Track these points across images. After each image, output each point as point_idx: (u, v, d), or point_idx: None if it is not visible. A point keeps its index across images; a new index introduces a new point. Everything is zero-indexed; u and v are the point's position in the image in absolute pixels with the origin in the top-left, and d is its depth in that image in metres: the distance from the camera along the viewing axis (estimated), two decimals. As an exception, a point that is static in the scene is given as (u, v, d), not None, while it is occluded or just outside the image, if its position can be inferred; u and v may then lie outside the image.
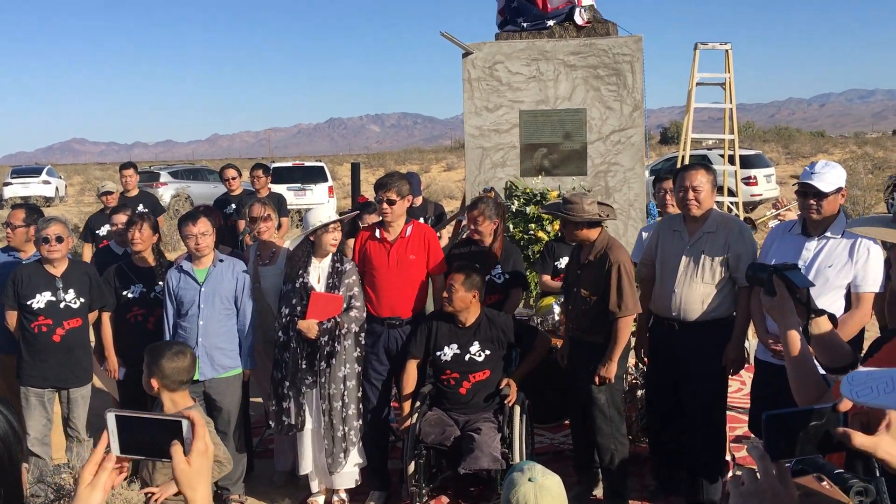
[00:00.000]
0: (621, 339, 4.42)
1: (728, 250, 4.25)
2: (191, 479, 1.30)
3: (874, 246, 3.88)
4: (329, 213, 4.85)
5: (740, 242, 4.27)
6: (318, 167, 21.97)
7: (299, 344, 4.64)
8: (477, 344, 4.61)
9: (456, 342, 4.62)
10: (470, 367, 4.61)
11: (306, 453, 4.74)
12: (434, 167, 39.79)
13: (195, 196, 22.42)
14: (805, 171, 4.03)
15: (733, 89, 10.24)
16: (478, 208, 5.09)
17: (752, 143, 34.82)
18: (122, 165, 8.35)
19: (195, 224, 4.72)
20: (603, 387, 4.50)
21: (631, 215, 7.39)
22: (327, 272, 4.76)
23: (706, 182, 4.30)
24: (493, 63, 7.47)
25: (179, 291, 4.76)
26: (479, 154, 7.57)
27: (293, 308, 4.65)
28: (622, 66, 7.31)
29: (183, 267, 4.78)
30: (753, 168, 18.46)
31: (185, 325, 4.73)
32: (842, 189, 3.93)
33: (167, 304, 4.81)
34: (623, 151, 7.36)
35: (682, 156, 10.47)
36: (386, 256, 4.79)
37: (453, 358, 4.62)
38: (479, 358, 4.61)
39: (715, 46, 10.26)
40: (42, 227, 4.82)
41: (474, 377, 4.62)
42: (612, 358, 4.44)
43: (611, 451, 4.53)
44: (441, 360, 4.64)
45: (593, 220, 4.49)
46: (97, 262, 5.72)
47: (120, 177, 8.15)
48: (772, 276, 2.31)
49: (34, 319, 4.79)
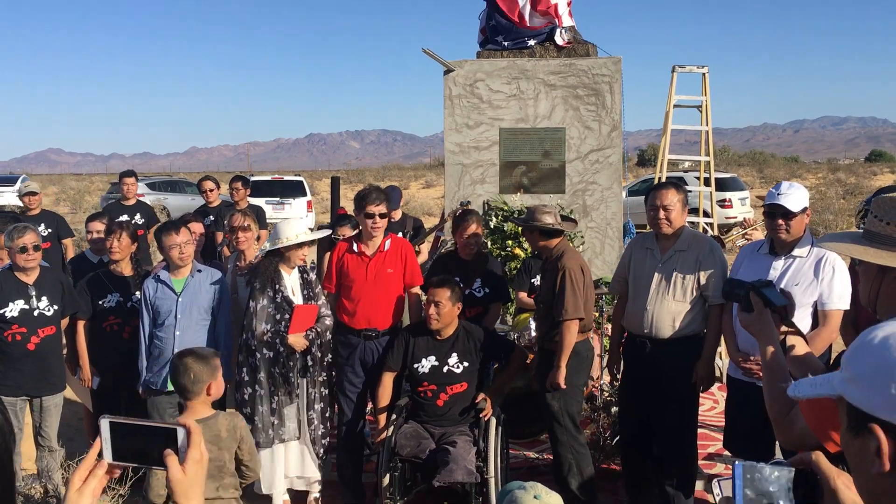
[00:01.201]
0: (565, 344, 4.49)
1: (699, 268, 4.31)
2: (186, 488, 1.28)
3: (839, 263, 3.94)
4: (302, 227, 4.81)
5: (711, 260, 4.33)
6: (298, 181, 21.96)
7: (289, 358, 4.64)
8: (455, 356, 4.63)
9: (434, 354, 4.63)
10: (448, 379, 4.62)
11: (278, 466, 4.72)
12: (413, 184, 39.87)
13: (172, 208, 22.33)
14: (770, 192, 4.09)
15: (710, 112, 10.39)
16: (467, 220, 5.21)
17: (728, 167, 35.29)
18: (122, 173, 8.30)
19: (178, 233, 4.71)
20: (557, 394, 4.56)
21: (608, 234, 7.46)
22: (299, 283, 4.79)
23: (677, 201, 4.36)
24: (475, 81, 7.55)
25: (156, 301, 4.73)
26: (458, 170, 7.62)
27: (277, 324, 4.64)
28: (601, 86, 7.41)
29: (160, 277, 4.76)
30: (728, 191, 18.71)
31: (162, 336, 4.71)
32: (807, 209, 4.01)
33: (143, 314, 4.77)
34: (601, 171, 7.45)
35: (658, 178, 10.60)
36: (364, 269, 4.80)
37: (431, 370, 4.62)
38: (458, 370, 4.62)
39: (692, 69, 10.42)
40: (17, 236, 4.77)
41: (451, 389, 4.63)
42: (559, 364, 4.51)
43: (568, 460, 4.59)
44: (419, 372, 4.64)
45: (546, 228, 4.63)
46: (72, 270, 5.68)
47: (120, 184, 8.12)
48: (749, 292, 2.36)
49: (7, 328, 4.73)
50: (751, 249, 4.31)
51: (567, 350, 4.50)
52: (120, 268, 5.15)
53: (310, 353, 4.70)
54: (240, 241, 5.34)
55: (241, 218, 5.43)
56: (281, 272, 4.74)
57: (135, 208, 7.98)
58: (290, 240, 4.66)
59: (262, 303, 4.65)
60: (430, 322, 4.55)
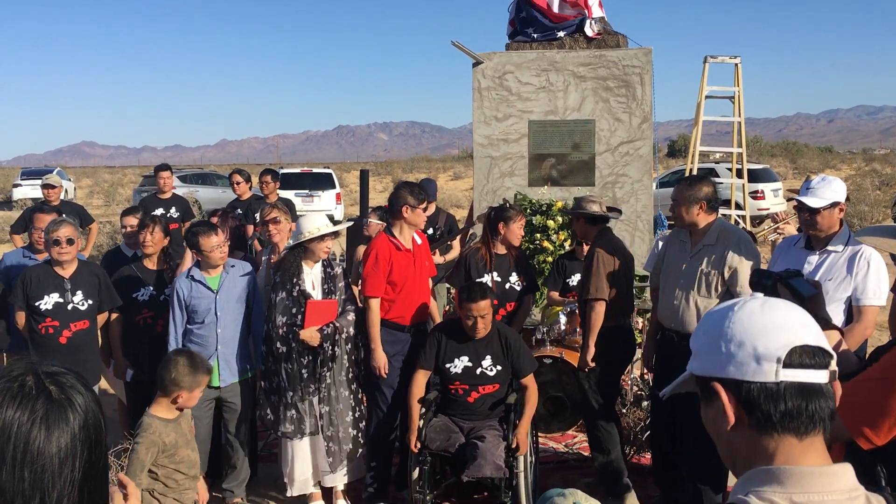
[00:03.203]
0: (592, 324, 4.59)
1: (726, 263, 4.26)
2: None
3: (875, 258, 3.87)
4: (322, 221, 4.79)
5: (737, 255, 4.26)
6: (327, 174, 22.03)
7: (301, 353, 4.66)
8: (489, 358, 4.56)
9: (467, 354, 4.57)
10: (480, 381, 4.57)
11: (302, 460, 4.76)
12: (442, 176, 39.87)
13: (203, 201, 22.52)
14: (802, 186, 4.06)
15: (742, 103, 10.25)
16: (509, 213, 5.17)
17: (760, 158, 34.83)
18: (157, 167, 8.42)
19: (217, 235, 4.76)
20: (590, 374, 4.68)
21: (638, 227, 7.40)
22: (321, 278, 4.78)
23: (683, 197, 4.35)
24: (503, 73, 7.51)
25: (192, 301, 4.71)
26: (487, 163, 7.60)
27: (293, 317, 4.65)
28: (632, 77, 7.34)
29: (195, 276, 4.77)
30: (761, 182, 18.45)
31: (203, 335, 4.73)
32: (839, 203, 3.92)
33: (176, 312, 4.76)
34: (631, 163, 7.38)
35: (690, 168, 10.49)
36: (412, 265, 4.81)
37: (464, 371, 4.56)
38: (491, 373, 4.56)
39: (724, 60, 10.28)
40: (52, 229, 4.83)
41: (483, 389, 4.59)
42: (587, 343, 4.63)
43: (595, 436, 4.73)
44: (451, 372, 4.58)
45: (591, 215, 4.82)
46: (106, 264, 5.75)
47: (156, 178, 8.24)
48: (776, 283, 2.32)
49: (41, 321, 4.80)
50: (787, 244, 4.27)
51: (594, 330, 4.59)
52: (152, 261, 5.20)
53: (322, 347, 4.66)
54: (271, 234, 5.38)
55: (271, 211, 5.47)
56: (302, 266, 4.75)
57: (170, 202, 8.08)
58: (311, 233, 4.67)
59: (280, 296, 4.68)
60: (478, 333, 4.49)
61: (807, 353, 1.19)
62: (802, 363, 1.19)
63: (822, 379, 1.19)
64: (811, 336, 1.20)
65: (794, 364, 1.18)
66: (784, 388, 1.18)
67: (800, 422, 1.18)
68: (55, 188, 7.86)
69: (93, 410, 1.20)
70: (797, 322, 1.22)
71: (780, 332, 1.20)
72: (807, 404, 1.18)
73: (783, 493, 1.15)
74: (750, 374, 1.21)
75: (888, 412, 2.02)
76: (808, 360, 1.19)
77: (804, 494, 1.15)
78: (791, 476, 1.16)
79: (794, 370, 1.18)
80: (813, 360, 1.19)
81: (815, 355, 1.19)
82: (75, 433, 1.16)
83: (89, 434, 1.18)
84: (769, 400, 1.19)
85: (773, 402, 1.19)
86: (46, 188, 7.84)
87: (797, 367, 1.18)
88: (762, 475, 1.19)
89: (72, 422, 1.16)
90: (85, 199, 33.10)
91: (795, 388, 1.18)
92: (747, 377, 1.21)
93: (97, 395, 1.27)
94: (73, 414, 1.17)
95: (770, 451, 1.20)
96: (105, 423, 1.23)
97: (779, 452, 1.20)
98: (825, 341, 1.21)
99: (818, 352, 1.20)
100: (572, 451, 5.58)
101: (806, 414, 1.18)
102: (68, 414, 1.17)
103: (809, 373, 1.18)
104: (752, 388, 1.20)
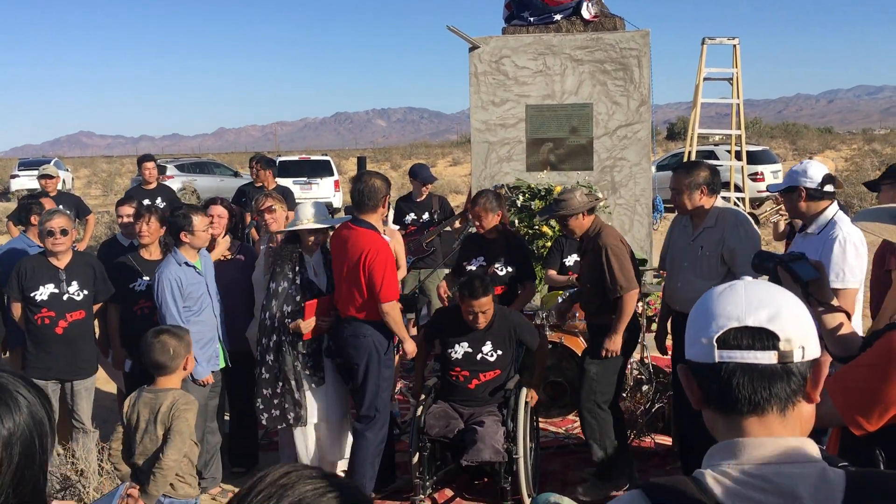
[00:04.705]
0: (625, 313, 4.51)
1: (724, 243, 4.25)
2: None
3: (850, 240, 3.78)
4: (309, 213, 4.69)
5: (735, 236, 4.25)
6: (325, 161, 21.99)
7: (294, 344, 4.62)
8: (490, 343, 4.57)
9: (467, 340, 4.57)
10: (481, 367, 4.58)
11: (303, 448, 4.75)
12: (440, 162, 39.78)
13: (201, 189, 22.48)
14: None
15: (741, 84, 10.19)
16: (479, 202, 5.14)
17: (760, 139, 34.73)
18: (141, 158, 8.29)
19: (204, 216, 4.77)
20: (596, 360, 4.59)
21: (637, 210, 7.37)
22: (322, 264, 4.77)
23: (682, 184, 4.35)
24: (500, 57, 7.46)
25: (189, 287, 4.62)
26: (485, 148, 7.56)
27: (297, 305, 4.62)
28: (629, 60, 7.28)
29: (188, 262, 4.70)
30: (760, 164, 18.40)
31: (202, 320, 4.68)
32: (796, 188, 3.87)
33: (173, 299, 4.58)
34: (629, 146, 7.34)
35: (689, 151, 10.45)
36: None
37: (464, 356, 4.57)
38: (491, 358, 4.57)
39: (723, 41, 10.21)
40: (45, 219, 4.81)
41: (484, 376, 4.59)
42: (617, 330, 4.53)
43: (590, 423, 4.60)
44: (451, 357, 4.59)
45: (588, 206, 4.61)
46: (103, 254, 5.73)
47: (141, 169, 8.15)
48: (776, 266, 2.30)
49: (37, 311, 4.79)
50: None
51: (624, 319, 4.52)
52: (149, 251, 5.17)
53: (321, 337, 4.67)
54: (267, 223, 5.36)
55: (265, 200, 5.44)
56: (304, 254, 4.73)
57: (156, 192, 7.98)
58: (302, 223, 4.65)
59: (282, 285, 4.64)
60: (479, 326, 4.50)
61: (746, 335, 1.21)
62: (739, 345, 1.21)
63: (768, 360, 1.20)
64: (761, 318, 1.21)
65: (730, 345, 1.21)
66: (725, 368, 1.22)
67: (746, 401, 1.21)
68: (53, 178, 7.84)
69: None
70: (747, 304, 1.23)
71: (720, 316, 1.23)
72: (752, 383, 1.20)
73: (736, 464, 1.18)
74: (696, 355, 1.26)
75: (879, 399, 1.99)
76: (746, 341, 1.21)
77: (756, 465, 1.17)
78: (745, 448, 1.19)
79: (731, 351, 1.21)
80: (752, 342, 1.20)
81: (756, 337, 1.21)
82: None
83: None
84: (712, 380, 1.23)
85: (716, 382, 1.23)
86: (44, 178, 7.82)
87: (734, 349, 1.21)
88: (720, 450, 1.22)
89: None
90: (83, 189, 33.05)
91: (739, 368, 1.21)
92: (696, 358, 1.26)
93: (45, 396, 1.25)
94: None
95: (731, 428, 1.23)
96: (51, 424, 1.21)
97: (740, 430, 1.22)
98: (785, 323, 1.21)
99: (760, 333, 1.21)
100: (572, 436, 5.58)
101: (752, 392, 1.20)
102: None
103: (748, 353, 1.20)
104: (703, 369, 1.25)
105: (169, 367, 3.46)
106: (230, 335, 4.99)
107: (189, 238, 4.67)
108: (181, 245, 4.68)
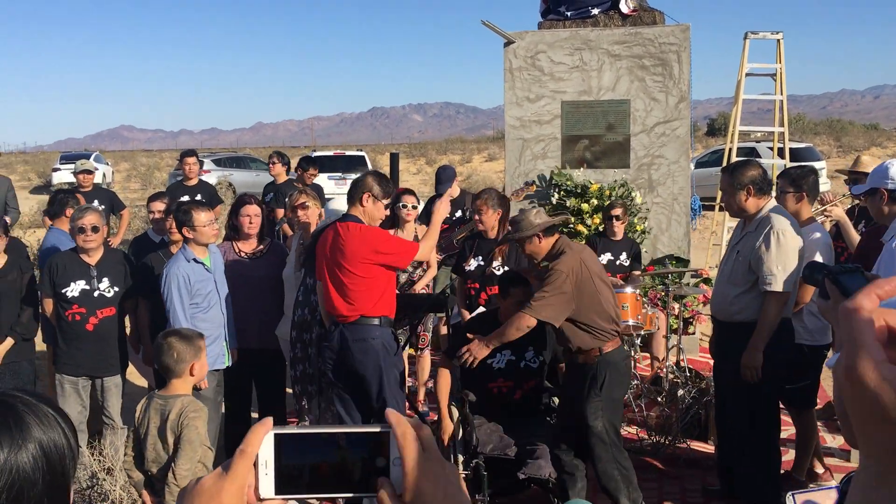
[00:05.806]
0: (514, 329, 3.87)
1: (754, 252, 4.04)
2: None
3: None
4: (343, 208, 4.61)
5: (765, 244, 3.97)
6: (359, 156, 22.01)
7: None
8: (532, 350, 4.30)
9: (510, 347, 4.22)
10: (524, 376, 4.32)
11: None
12: (476, 157, 39.62)
13: (237, 184, 22.65)
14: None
15: (784, 80, 9.92)
16: (482, 196, 5.14)
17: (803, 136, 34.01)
18: (183, 153, 8.30)
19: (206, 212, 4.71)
20: (599, 413, 4.01)
21: (675, 209, 7.20)
22: None
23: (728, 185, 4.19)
24: (536, 52, 7.33)
25: (198, 284, 4.58)
26: (519, 145, 7.44)
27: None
28: (668, 55, 7.11)
29: (197, 258, 4.64)
30: (804, 162, 17.99)
31: (209, 317, 4.65)
32: (878, 190, 3.78)
33: (180, 295, 4.51)
34: (668, 144, 7.17)
35: (730, 148, 10.20)
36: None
37: (507, 365, 4.28)
38: (534, 365, 4.33)
39: (766, 36, 9.95)
40: (77, 216, 4.81)
41: (527, 385, 4.33)
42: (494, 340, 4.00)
43: (615, 478, 4.07)
44: (493, 367, 4.27)
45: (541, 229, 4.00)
46: (134, 250, 5.74)
47: (181, 164, 8.15)
48: (825, 278, 2.16)
49: (68, 307, 4.80)
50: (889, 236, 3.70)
51: (505, 338, 3.93)
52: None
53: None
54: (300, 219, 5.32)
55: (299, 196, 5.41)
56: None
57: (196, 188, 7.99)
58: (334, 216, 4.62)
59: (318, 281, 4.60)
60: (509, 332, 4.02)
61: None
62: None
63: None
64: None
65: None
66: None
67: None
68: (91, 174, 7.85)
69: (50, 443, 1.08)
70: None
71: None
72: None
73: None
74: None
75: None
76: None
77: None
78: None
79: None
80: None
81: None
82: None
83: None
84: None
85: None
86: (81, 174, 7.83)
87: None
88: None
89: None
90: (122, 182, 33.52)
91: None
92: None
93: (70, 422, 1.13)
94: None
95: None
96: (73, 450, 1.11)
97: None
98: None
99: None
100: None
101: None
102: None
103: None
104: None
105: (174, 370, 3.39)
106: (260, 333, 4.96)
107: (192, 234, 4.60)
108: (188, 241, 4.65)
